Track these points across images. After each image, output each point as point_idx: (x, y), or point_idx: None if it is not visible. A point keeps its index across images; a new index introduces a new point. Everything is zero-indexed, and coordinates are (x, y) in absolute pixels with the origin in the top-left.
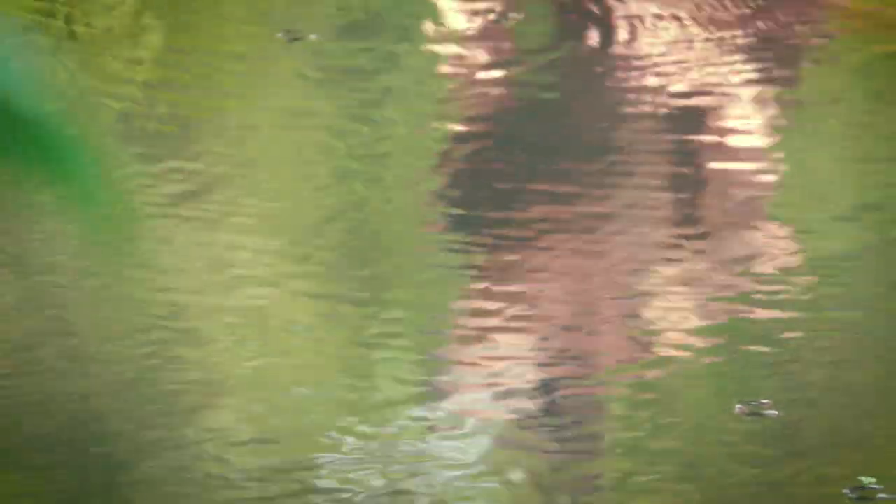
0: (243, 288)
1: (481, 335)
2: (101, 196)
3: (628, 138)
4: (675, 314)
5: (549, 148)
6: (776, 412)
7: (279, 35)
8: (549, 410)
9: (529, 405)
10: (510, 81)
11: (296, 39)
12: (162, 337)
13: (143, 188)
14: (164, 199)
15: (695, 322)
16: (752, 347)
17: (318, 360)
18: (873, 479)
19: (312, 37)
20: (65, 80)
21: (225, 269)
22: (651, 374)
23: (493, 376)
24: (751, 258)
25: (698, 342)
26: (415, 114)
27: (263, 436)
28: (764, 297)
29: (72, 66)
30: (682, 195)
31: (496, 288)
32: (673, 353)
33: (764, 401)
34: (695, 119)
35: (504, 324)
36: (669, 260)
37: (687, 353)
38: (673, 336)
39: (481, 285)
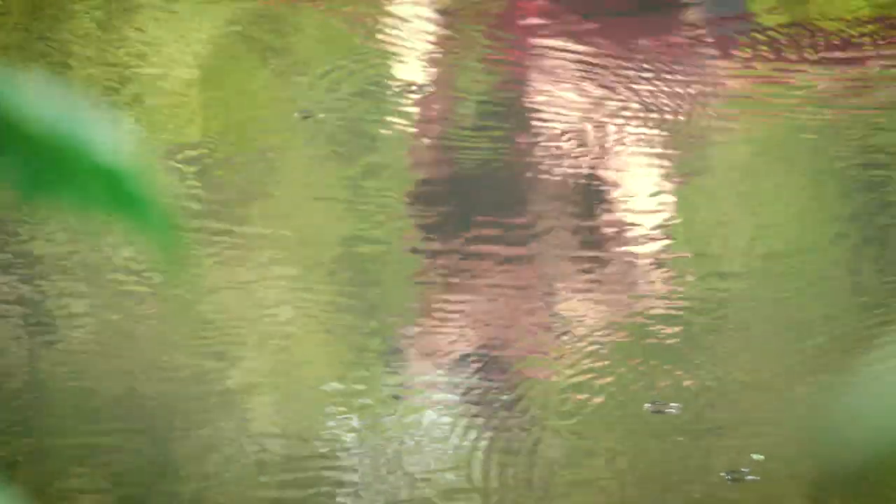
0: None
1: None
2: (164, 235)
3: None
4: (582, 328)
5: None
6: (678, 406)
7: (295, 114)
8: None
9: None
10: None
11: (307, 117)
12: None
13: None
14: (206, 235)
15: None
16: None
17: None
18: (762, 457)
19: (321, 115)
20: (135, 140)
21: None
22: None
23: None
24: (643, 295)
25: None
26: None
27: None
28: (662, 313)
29: (140, 129)
30: (588, 243)
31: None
32: (584, 360)
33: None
34: (598, 193)
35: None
36: (576, 290)
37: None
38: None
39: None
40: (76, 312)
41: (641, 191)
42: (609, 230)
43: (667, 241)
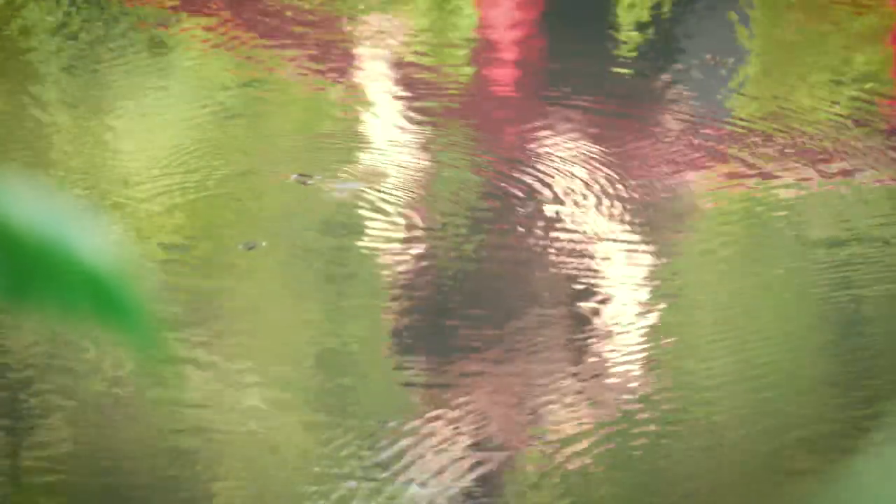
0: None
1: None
2: (144, 337)
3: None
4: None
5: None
6: None
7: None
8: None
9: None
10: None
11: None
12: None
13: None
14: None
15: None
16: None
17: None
18: None
19: (318, 177)
20: (116, 243)
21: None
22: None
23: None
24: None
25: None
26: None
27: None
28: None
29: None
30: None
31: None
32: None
33: None
34: (584, 292)
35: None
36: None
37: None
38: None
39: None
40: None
41: (621, 297)
42: (590, 336)
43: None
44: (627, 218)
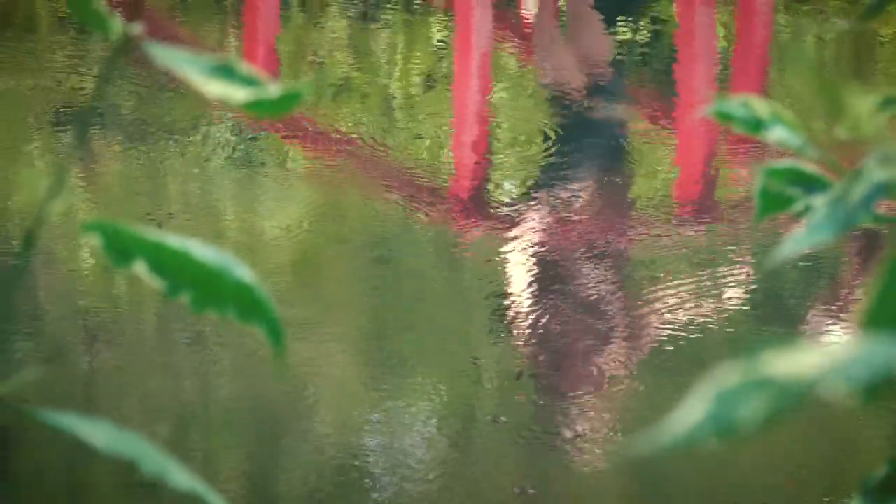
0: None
1: None
2: (277, 334)
3: None
4: None
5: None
6: None
7: None
8: None
9: None
10: None
11: None
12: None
13: None
14: None
15: None
16: None
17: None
18: None
19: None
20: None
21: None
22: None
23: None
24: None
25: None
26: None
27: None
28: None
29: None
30: None
31: None
32: None
33: None
34: None
35: None
36: None
37: None
38: None
39: None
40: None
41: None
42: None
43: None
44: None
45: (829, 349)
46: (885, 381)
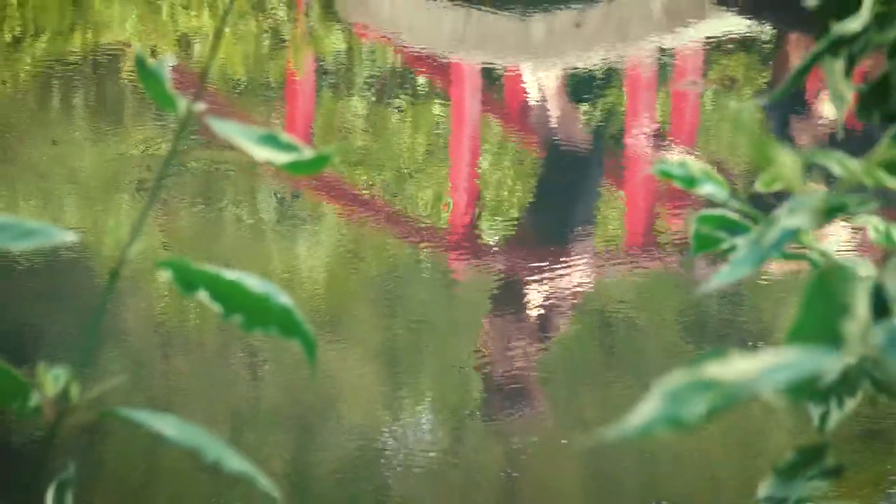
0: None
1: None
2: (307, 341)
3: None
4: None
5: None
6: None
7: None
8: None
9: None
10: None
11: None
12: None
13: None
14: None
15: None
16: None
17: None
18: None
19: None
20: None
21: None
22: None
23: None
24: None
25: None
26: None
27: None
28: None
29: None
30: None
31: None
32: None
33: None
34: None
35: None
36: None
37: None
38: None
39: None
40: None
41: None
42: None
43: None
44: None
45: (763, 357)
46: (808, 383)
